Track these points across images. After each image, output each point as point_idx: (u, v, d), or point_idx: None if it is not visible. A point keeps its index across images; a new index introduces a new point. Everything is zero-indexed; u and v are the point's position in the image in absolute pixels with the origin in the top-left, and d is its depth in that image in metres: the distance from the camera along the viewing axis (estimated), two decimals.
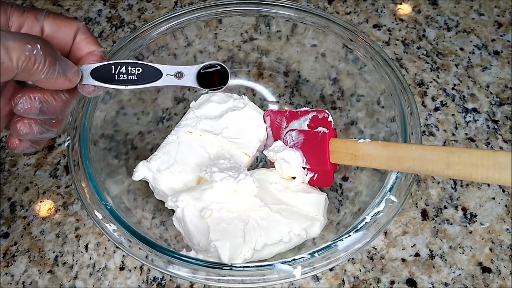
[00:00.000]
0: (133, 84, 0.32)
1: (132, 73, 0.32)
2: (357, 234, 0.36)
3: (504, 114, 0.55)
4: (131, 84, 0.32)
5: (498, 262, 0.45)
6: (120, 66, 0.32)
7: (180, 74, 0.33)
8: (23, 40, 0.26)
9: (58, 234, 0.48)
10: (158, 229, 0.44)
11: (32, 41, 0.26)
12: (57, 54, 0.28)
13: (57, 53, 0.28)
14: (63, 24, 0.32)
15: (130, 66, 0.32)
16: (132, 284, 0.45)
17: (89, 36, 0.33)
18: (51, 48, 0.28)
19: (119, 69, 0.32)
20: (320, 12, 0.49)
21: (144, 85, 0.33)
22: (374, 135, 0.47)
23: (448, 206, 0.49)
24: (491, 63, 0.59)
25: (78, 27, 0.32)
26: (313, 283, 0.45)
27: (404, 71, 0.59)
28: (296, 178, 0.45)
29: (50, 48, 0.28)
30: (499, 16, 0.64)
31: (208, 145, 0.48)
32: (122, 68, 0.32)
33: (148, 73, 0.32)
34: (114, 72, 0.32)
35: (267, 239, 0.40)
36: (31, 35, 0.27)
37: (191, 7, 0.49)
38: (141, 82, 0.32)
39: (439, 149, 0.34)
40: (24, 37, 0.26)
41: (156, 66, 0.33)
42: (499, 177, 0.31)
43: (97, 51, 0.33)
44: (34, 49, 0.26)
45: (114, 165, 0.46)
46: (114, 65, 0.32)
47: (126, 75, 0.32)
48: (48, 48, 0.27)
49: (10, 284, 0.45)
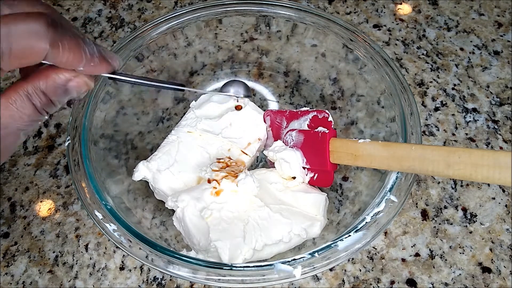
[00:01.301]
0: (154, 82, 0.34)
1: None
2: (357, 234, 0.36)
3: (504, 114, 0.55)
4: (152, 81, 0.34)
5: (498, 262, 0.45)
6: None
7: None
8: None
9: (58, 234, 0.48)
10: (158, 229, 0.44)
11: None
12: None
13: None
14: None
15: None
16: (132, 284, 0.45)
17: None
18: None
19: None
20: (320, 12, 0.49)
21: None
22: (374, 135, 0.47)
23: (448, 206, 0.49)
24: (491, 63, 0.59)
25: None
26: (313, 283, 0.45)
27: (404, 71, 0.59)
28: (296, 178, 0.45)
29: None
30: (499, 16, 0.64)
31: (208, 145, 0.48)
32: None
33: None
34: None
35: (267, 239, 0.40)
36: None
37: (191, 7, 0.49)
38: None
39: (439, 149, 0.34)
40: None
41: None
42: (499, 177, 0.31)
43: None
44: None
45: (114, 165, 0.46)
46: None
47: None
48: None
49: (10, 284, 0.45)
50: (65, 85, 0.25)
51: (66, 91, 0.26)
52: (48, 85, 0.25)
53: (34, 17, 0.23)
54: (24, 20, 0.22)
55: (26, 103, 0.24)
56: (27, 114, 0.25)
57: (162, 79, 0.39)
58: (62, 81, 0.25)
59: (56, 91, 0.25)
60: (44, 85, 0.25)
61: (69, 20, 0.27)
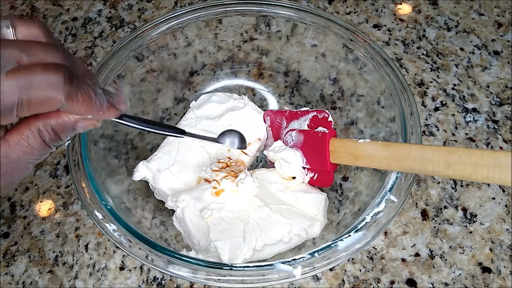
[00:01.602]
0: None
1: None
2: (357, 234, 0.36)
3: (504, 114, 0.55)
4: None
5: (498, 262, 0.45)
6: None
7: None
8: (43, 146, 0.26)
9: (58, 234, 0.48)
10: (158, 229, 0.44)
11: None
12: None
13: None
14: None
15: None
16: (132, 284, 0.45)
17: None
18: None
19: None
20: (320, 12, 0.49)
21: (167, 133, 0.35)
22: (374, 135, 0.47)
23: (448, 206, 0.49)
24: (491, 63, 0.59)
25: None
26: (313, 283, 0.45)
27: (404, 71, 0.59)
28: (296, 178, 0.45)
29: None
30: (499, 16, 0.64)
31: (208, 145, 0.47)
32: None
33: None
34: None
35: (267, 239, 0.40)
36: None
37: (191, 7, 0.49)
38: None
39: (439, 149, 0.34)
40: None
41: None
42: (499, 177, 0.31)
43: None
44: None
45: (114, 165, 0.46)
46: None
47: None
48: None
49: (10, 284, 0.45)
50: (74, 125, 0.27)
51: (74, 129, 0.27)
52: (58, 123, 0.26)
53: (53, 69, 0.24)
54: (43, 72, 0.23)
55: (37, 139, 0.26)
56: (38, 149, 0.26)
57: (166, 124, 0.39)
58: (72, 122, 0.27)
59: (65, 130, 0.27)
60: (54, 123, 0.26)
61: (82, 63, 0.27)
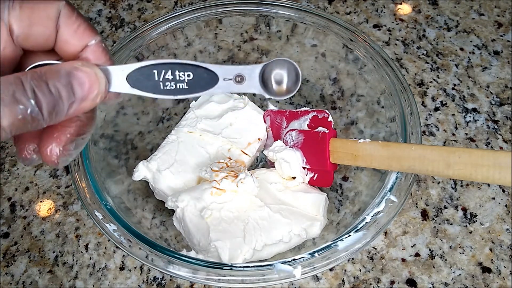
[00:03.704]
0: (182, 94, 0.26)
1: (181, 79, 0.26)
2: (357, 234, 0.36)
3: (504, 114, 0.55)
4: (180, 94, 0.26)
5: (498, 262, 0.45)
6: (165, 70, 0.26)
7: (240, 78, 0.27)
8: (12, 101, 0.20)
9: (58, 234, 0.48)
10: (158, 229, 0.44)
11: (24, 97, 0.21)
12: (60, 88, 0.22)
13: (60, 87, 0.22)
14: (36, 14, 0.23)
15: (178, 70, 0.26)
16: (132, 284, 0.45)
17: (76, 20, 0.24)
18: (50, 93, 0.22)
19: (164, 75, 0.26)
20: (320, 12, 0.49)
21: (196, 93, 0.27)
22: (374, 135, 0.47)
23: (448, 206, 0.49)
24: (491, 63, 0.59)
25: (57, 10, 0.24)
26: (313, 283, 0.45)
27: (404, 71, 0.59)
28: (296, 178, 0.45)
29: (49, 94, 0.22)
30: (499, 16, 0.64)
31: (208, 145, 0.47)
32: (168, 73, 0.26)
33: (200, 78, 0.26)
34: (158, 79, 0.26)
35: (267, 239, 0.40)
36: (18, 79, 0.21)
37: (191, 7, 0.49)
38: (192, 91, 0.26)
39: (439, 149, 0.34)
40: (12, 98, 0.20)
41: (211, 68, 0.26)
42: (499, 177, 0.31)
43: (94, 41, 0.25)
44: (27, 108, 0.21)
45: (114, 165, 0.46)
46: (157, 69, 0.26)
47: (174, 82, 0.26)
48: (47, 95, 0.22)
49: (10, 284, 0.45)
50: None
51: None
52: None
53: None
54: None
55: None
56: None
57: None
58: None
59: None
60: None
61: None
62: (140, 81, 0.26)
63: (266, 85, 0.27)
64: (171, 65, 0.26)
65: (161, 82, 0.26)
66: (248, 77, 0.27)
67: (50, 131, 0.25)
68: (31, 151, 0.26)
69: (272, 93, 0.27)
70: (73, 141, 0.25)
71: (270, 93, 0.27)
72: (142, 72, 0.26)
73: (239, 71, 0.26)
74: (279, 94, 0.27)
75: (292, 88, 0.27)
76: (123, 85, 0.26)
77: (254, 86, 0.27)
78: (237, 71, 0.26)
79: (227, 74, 0.26)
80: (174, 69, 0.26)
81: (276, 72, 0.27)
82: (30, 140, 0.26)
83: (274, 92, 0.27)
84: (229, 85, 0.27)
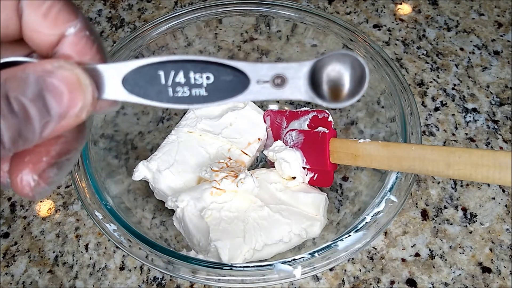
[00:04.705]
0: (200, 102, 0.20)
1: (197, 83, 0.19)
2: (357, 234, 0.36)
3: (504, 114, 0.55)
4: (196, 103, 0.20)
5: (498, 262, 0.45)
6: (175, 71, 0.19)
7: (281, 80, 0.20)
8: None
9: (58, 234, 0.48)
10: (158, 229, 0.44)
11: None
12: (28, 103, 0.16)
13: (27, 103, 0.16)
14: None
15: (193, 70, 0.19)
16: (132, 284, 0.45)
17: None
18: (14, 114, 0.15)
19: (174, 77, 0.19)
20: (320, 12, 0.49)
21: (219, 102, 0.20)
22: (374, 135, 0.47)
23: (448, 206, 0.49)
24: (491, 63, 0.59)
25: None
26: (313, 283, 0.45)
27: (404, 71, 0.59)
28: (296, 178, 0.45)
29: (10, 115, 0.15)
30: (499, 16, 0.63)
31: (208, 145, 0.48)
32: (179, 74, 0.19)
33: (224, 81, 0.19)
34: (166, 83, 0.19)
35: (267, 239, 0.40)
36: None
37: (191, 7, 0.49)
38: (213, 99, 0.20)
39: (439, 149, 0.34)
40: None
41: (240, 67, 0.19)
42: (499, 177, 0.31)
43: (73, 29, 0.18)
44: None
45: (114, 165, 0.46)
46: (164, 69, 0.19)
47: (188, 87, 0.19)
48: (7, 117, 0.15)
49: (10, 284, 0.45)
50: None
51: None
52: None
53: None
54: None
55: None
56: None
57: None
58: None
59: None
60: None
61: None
62: (141, 86, 0.19)
63: (318, 88, 0.20)
64: (183, 63, 0.19)
65: (169, 87, 0.19)
66: (291, 78, 0.20)
67: (19, 153, 0.18)
68: (4, 172, 0.19)
69: (326, 99, 0.20)
70: (53, 165, 0.18)
71: (323, 99, 0.20)
72: (144, 73, 0.19)
73: (280, 71, 0.20)
74: (335, 101, 0.20)
75: (355, 93, 0.19)
76: (117, 90, 0.19)
77: (301, 91, 0.20)
78: (276, 71, 0.19)
79: (262, 75, 0.19)
80: (187, 69, 0.19)
81: (332, 70, 0.19)
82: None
83: (329, 98, 0.20)
84: (265, 90, 0.20)
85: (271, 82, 0.19)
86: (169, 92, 0.19)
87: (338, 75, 0.19)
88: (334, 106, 0.20)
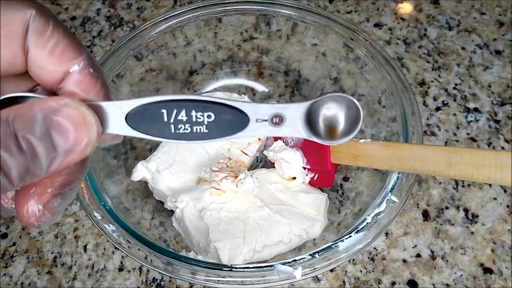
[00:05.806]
0: (200, 139, 0.21)
1: (198, 121, 0.20)
2: (358, 234, 0.36)
3: (506, 114, 0.55)
4: (197, 139, 0.21)
5: (500, 263, 0.45)
6: (177, 110, 0.20)
7: (278, 119, 0.21)
8: None
9: (56, 234, 0.48)
10: (157, 230, 0.44)
11: None
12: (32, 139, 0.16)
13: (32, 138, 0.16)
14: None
15: (195, 109, 0.20)
16: (131, 285, 0.44)
17: (51, 37, 0.18)
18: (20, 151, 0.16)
19: (177, 115, 0.20)
20: (321, 11, 0.49)
21: (219, 138, 0.21)
22: (375, 135, 0.47)
23: (449, 207, 0.48)
24: (493, 63, 0.59)
25: (24, 23, 0.17)
26: (314, 284, 0.44)
27: (405, 71, 0.58)
28: (296, 178, 0.45)
29: (19, 153, 0.16)
30: (501, 15, 0.63)
31: (208, 145, 0.47)
32: (181, 113, 0.20)
33: (224, 119, 0.20)
34: (168, 120, 0.20)
35: (267, 240, 0.40)
36: None
37: (191, 6, 0.49)
38: (214, 135, 0.21)
39: (441, 149, 0.34)
40: None
41: (241, 108, 0.20)
42: (501, 177, 0.31)
43: (77, 67, 0.19)
44: None
45: (113, 165, 0.46)
46: (167, 108, 0.20)
47: (190, 125, 0.20)
48: (15, 155, 0.16)
49: (9, 285, 0.45)
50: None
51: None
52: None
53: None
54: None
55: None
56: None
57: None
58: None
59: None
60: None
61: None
62: (144, 122, 0.20)
63: (314, 127, 0.21)
64: (185, 102, 0.20)
65: (172, 124, 0.20)
66: (289, 117, 0.21)
67: (25, 185, 0.18)
68: (8, 199, 0.20)
69: (322, 137, 0.21)
70: (57, 195, 0.19)
71: (320, 137, 0.21)
72: (147, 111, 0.20)
73: (278, 111, 0.21)
74: (331, 139, 0.21)
75: (350, 131, 0.21)
76: (121, 126, 0.20)
77: (297, 130, 0.21)
78: (274, 110, 0.21)
79: (262, 114, 0.21)
80: (189, 108, 0.20)
81: (328, 111, 0.21)
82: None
83: (325, 136, 0.21)
84: (264, 128, 0.21)
85: (270, 121, 0.21)
86: (171, 128, 0.20)
87: (334, 115, 0.21)
88: (330, 143, 0.21)
